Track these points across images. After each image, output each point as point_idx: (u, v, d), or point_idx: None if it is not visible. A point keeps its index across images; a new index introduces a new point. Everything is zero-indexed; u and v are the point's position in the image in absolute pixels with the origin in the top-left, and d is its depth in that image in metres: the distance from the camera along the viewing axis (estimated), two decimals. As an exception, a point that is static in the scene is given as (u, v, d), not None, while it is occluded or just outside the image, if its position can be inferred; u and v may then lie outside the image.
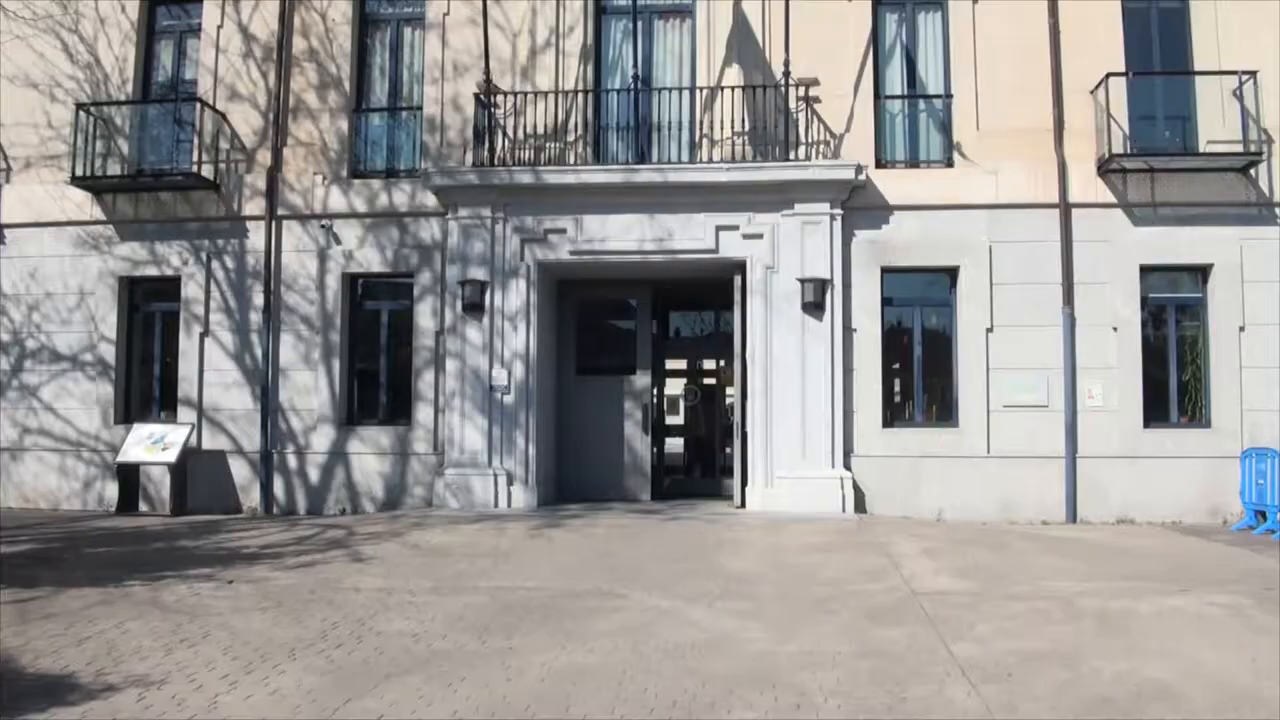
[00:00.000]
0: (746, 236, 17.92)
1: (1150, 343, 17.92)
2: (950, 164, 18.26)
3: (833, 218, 17.76)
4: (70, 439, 19.51)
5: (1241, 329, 17.47)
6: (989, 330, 17.67)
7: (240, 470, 19.04)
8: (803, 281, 17.56)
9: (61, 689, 7.84)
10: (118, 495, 18.75)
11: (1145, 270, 17.73)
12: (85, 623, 9.54)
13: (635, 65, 18.31)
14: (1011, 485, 17.44)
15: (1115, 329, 17.55)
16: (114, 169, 19.59)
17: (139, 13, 20.23)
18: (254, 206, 19.36)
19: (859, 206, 17.88)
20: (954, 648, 8.80)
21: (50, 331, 19.68)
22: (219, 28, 19.83)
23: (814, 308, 17.55)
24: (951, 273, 18.07)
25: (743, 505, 17.90)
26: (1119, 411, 17.48)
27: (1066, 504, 17.34)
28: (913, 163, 18.58)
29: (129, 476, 18.71)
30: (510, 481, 18.00)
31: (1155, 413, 17.74)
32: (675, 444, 22.38)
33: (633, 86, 18.43)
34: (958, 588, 11.32)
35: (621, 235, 18.08)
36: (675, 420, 23.06)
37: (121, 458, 18.58)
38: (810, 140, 18.15)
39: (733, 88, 18.28)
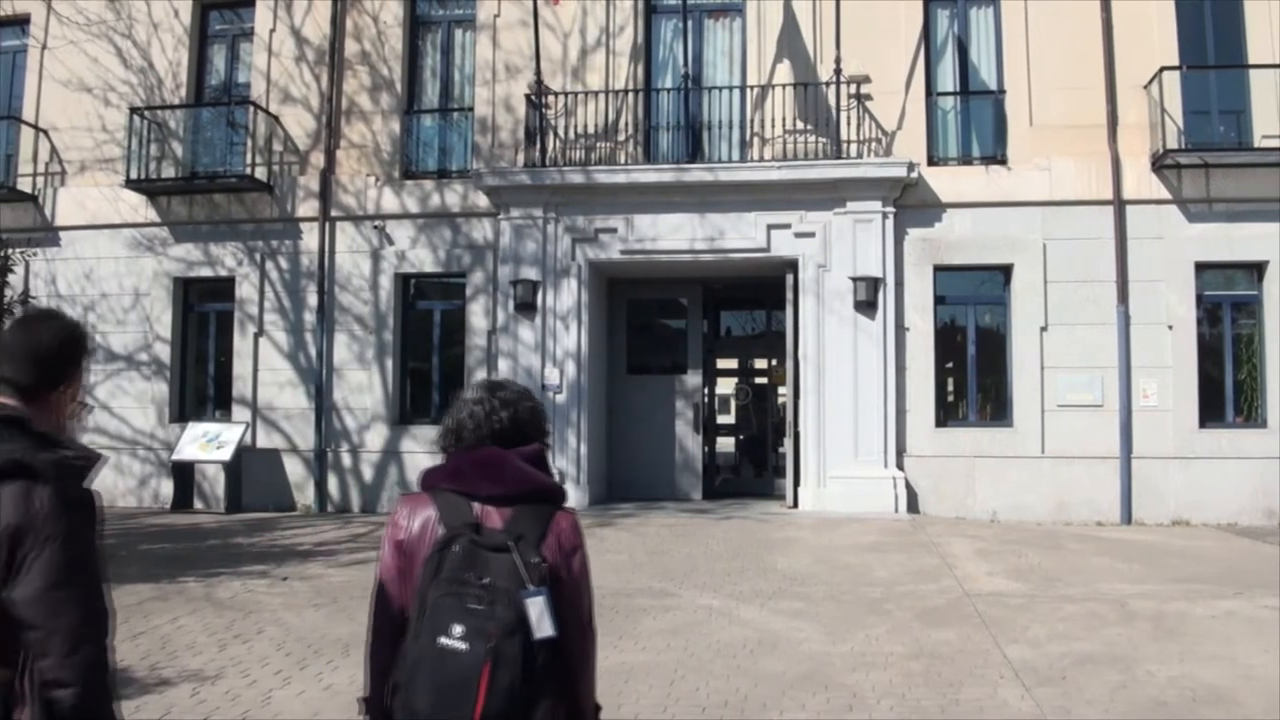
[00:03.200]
0: (798, 235, 17.85)
1: (1205, 341, 17.68)
2: (1003, 161, 18.11)
3: (885, 216, 17.67)
4: (126, 437, 19.70)
5: (1297, 326, 17.28)
6: (1043, 329, 17.51)
7: (294, 468, 19.16)
8: (855, 280, 17.48)
9: (116, 683, 7.90)
10: (173, 493, 18.92)
11: (1200, 267, 17.47)
12: (140, 618, 9.64)
13: (685, 64, 18.32)
14: (1066, 486, 17.26)
15: (1170, 327, 17.32)
16: (168, 172, 19.80)
17: (192, 17, 20.44)
18: (307, 208, 19.50)
19: (911, 204, 17.78)
20: (1007, 650, 8.77)
21: (106, 331, 19.87)
22: (271, 31, 19.99)
23: (866, 306, 17.46)
24: (1005, 270, 17.93)
25: (795, 505, 17.82)
26: (1174, 411, 17.23)
27: (1121, 505, 17.13)
28: (965, 160, 18.48)
29: (184, 474, 18.86)
30: (562, 480, 17.94)
31: (1210, 412, 17.48)
32: (726, 443, 22.33)
33: (683, 85, 18.44)
34: (1011, 589, 11.28)
35: (672, 234, 18.07)
36: (726, 419, 23.02)
37: (176, 456, 18.74)
38: (861, 138, 18.07)
39: (783, 86, 18.22)
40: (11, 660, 2.60)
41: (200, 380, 20.32)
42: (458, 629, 2.89)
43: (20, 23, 21.08)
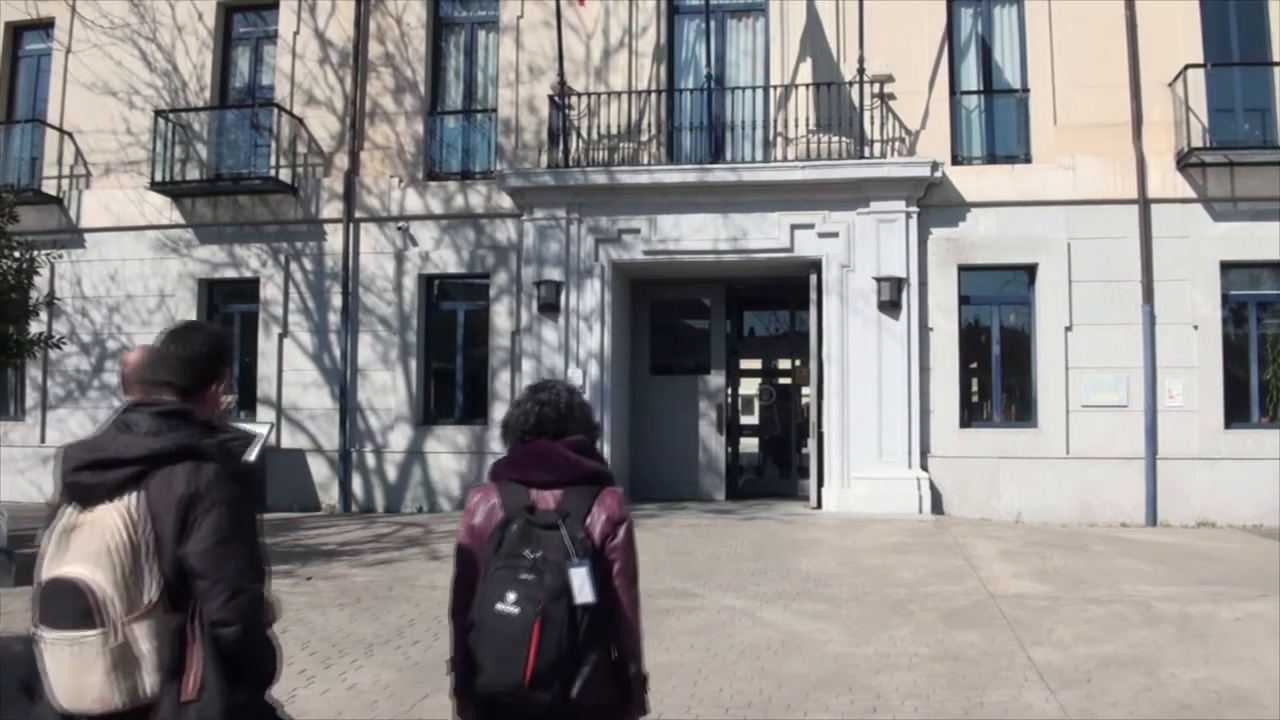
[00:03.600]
0: (821, 235, 17.82)
1: (1231, 341, 17.55)
2: (1027, 160, 18.05)
3: (908, 215, 17.62)
4: (150, 438, 19.72)
5: (1323, 326, 17.17)
6: (1068, 329, 17.42)
7: (319, 468, 19.22)
8: (878, 280, 17.45)
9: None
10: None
11: (1225, 266, 17.33)
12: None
13: (708, 64, 18.32)
14: (1090, 487, 17.15)
15: (1196, 327, 17.20)
16: (193, 174, 19.90)
17: (215, 20, 20.54)
18: (331, 209, 19.58)
19: (935, 204, 17.73)
20: (1032, 652, 8.76)
21: (131, 333, 19.96)
22: (295, 34, 20.08)
23: (890, 306, 17.42)
24: (1029, 270, 17.86)
25: (818, 505, 17.79)
26: (1199, 411, 17.11)
27: (1146, 506, 17.02)
28: (989, 159, 18.40)
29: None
30: (591, 473, 17.96)
31: (1236, 413, 17.34)
32: (750, 444, 22.32)
33: (706, 86, 18.42)
34: (1036, 591, 11.25)
35: (695, 235, 18.07)
36: (750, 420, 23.00)
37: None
38: (885, 137, 18.03)
39: (806, 85, 18.18)
40: (183, 607, 3.16)
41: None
42: (511, 596, 3.46)
43: (44, 27, 21.25)
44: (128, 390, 4.27)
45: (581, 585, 3.50)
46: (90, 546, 3.13)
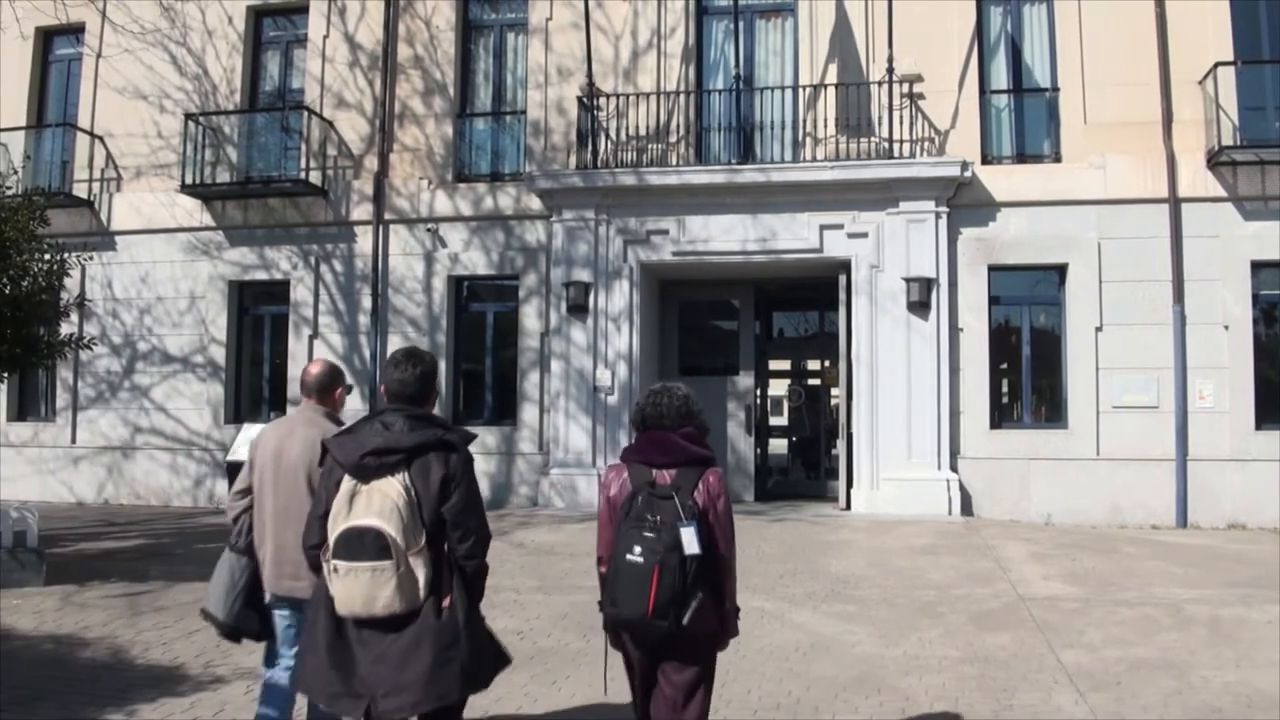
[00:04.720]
0: (851, 235, 17.78)
1: (1262, 341, 17.38)
2: (1057, 159, 17.97)
3: (938, 215, 17.56)
4: (181, 438, 19.92)
5: (1355, 326, 17.01)
6: (1098, 329, 17.31)
7: (348, 470, 19.21)
8: (908, 280, 17.40)
9: (171, 680, 8.02)
10: (227, 493, 18.92)
11: (1256, 266, 17.15)
12: (195, 616, 9.67)
13: (737, 65, 18.37)
14: (1121, 488, 17.02)
15: (1226, 327, 17.05)
16: (223, 177, 20.07)
17: (246, 24, 20.72)
18: (361, 211, 19.67)
19: (965, 204, 17.66)
20: (1062, 654, 8.75)
21: (161, 334, 20.13)
22: (325, 37, 20.20)
23: (919, 307, 17.36)
24: (1060, 270, 17.77)
25: (848, 507, 17.75)
26: (1230, 412, 16.95)
27: (1176, 508, 16.87)
28: (1019, 158, 18.31)
29: (238, 475, 18.84)
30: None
31: (1267, 414, 17.11)
32: (779, 445, 22.29)
33: (734, 86, 18.44)
34: (1066, 593, 11.22)
35: (724, 236, 18.06)
36: (779, 421, 22.97)
37: (231, 456, 18.71)
38: (914, 137, 17.96)
39: (835, 85, 18.13)
40: (437, 546, 4.82)
41: (255, 382, 20.51)
42: (637, 549, 4.76)
43: (75, 32, 21.45)
44: (307, 395, 6.26)
45: (689, 541, 4.74)
46: (377, 506, 4.68)
